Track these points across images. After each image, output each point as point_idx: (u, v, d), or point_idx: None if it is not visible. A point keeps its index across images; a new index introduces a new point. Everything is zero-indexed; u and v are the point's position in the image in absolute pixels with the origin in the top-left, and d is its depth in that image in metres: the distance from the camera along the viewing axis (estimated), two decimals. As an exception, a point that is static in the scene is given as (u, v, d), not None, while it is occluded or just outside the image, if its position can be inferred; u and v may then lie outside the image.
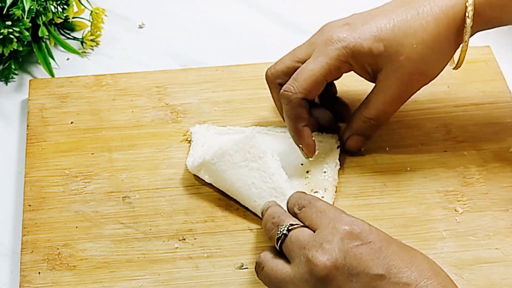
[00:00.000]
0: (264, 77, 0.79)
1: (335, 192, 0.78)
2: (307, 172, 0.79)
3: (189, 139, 0.83)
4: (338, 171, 0.80)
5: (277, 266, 0.66)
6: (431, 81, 0.78)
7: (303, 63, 0.76)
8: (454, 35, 0.75)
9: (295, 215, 0.69)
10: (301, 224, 0.67)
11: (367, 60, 0.75)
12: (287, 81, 0.77)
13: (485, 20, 0.75)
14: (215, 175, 0.78)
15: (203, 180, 0.80)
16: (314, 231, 0.65)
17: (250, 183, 0.76)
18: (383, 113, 0.78)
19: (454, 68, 0.79)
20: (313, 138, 0.78)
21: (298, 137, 0.78)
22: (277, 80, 0.78)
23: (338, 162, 0.80)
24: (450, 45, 0.75)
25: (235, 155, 0.77)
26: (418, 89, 0.78)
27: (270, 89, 0.80)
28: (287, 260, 0.66)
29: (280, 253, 0.67)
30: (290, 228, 0.66)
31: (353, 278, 0.61)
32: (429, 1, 0.75)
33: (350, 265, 0.62)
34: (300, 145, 0.78)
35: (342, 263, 0.62)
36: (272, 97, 0.80)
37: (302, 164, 0.79)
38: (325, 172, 0.79)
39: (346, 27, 0.76)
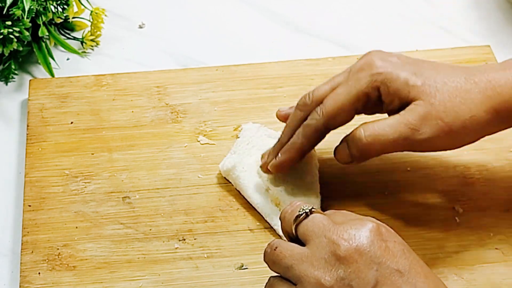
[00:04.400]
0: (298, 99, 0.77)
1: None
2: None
3: (238, 134, 0.83)
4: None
5: (293, 246, 0.63)
6: (441, 149, 0.73)
7: None
8: (496, 115, 0.71)
9: None
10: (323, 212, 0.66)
11: (399, 88, 0.71)
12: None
13: None
14: (240, 182, 0.78)
15: (203, 180, 0.80)
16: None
17: (270, 198, 0.78)
18: (379, 136, 0.71)
19: None
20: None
21: (286, 151, 0.75)
22: (307, 107, 0.75)
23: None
24: (489, 123, 0.71)
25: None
26: (428, 146, 0.72)
27: (296, 109, 0.76)
28: (302, 245, 0.64)
29: (293, 241, 0.65)
30: (313, 210, 0.64)
31: (374, 266, 0.60)
32: (481, 74, 0.72)
33: (374, 254, 0.61)
34: (272, 156, 0.76)
35: (366, 249, 0.61)
36: (293, 116, 0.76)
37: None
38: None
39: (389, 59, 0.73)
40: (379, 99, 0.72)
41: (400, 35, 0.98)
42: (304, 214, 0.64)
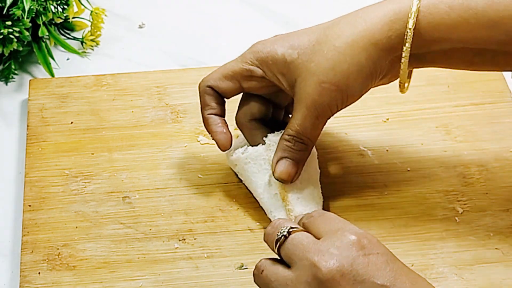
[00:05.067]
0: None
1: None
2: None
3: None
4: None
5: (278, 269, 0.64)
6: (353, 100, 0.73)
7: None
8: (378, 50, 0.70)
9: (302, 225, 0.67)
10: (302, 228, 0.65)
11: (280, 68, 0.73)
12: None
13: (424, 42, 0.70)
14: (244, 175, 0.78)
15: (203, 180, 0.80)
16: (318, 239, 0.63)
17: (273, 193, 0.76)
18: (303, 128, 0.73)
19: (400, 91, 0.74)
20: (225, 130, 0.77)
21: (205, 126, 0.77)
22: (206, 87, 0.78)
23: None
24: (369, 59, 0.70)
25: (268, 162, 0.76)
26: (337, 106, 0.72)
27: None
28: (287, 266, 0.64)
29: (279, 260, 0.65)
30: (290, 230, 0.64)
31: (358, 285, 0.60)
32: (356, 16, 0.71)
33: (357, 272, 0.60)
34: (212, 138, 0.77)
35: (348, 269, 0.60)
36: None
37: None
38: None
39: (273, 39, 0.75)
40: (264, 76, 0.74)
41: (400, 35, 0.98)
42: (283, 237, 0.64)
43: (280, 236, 0.64)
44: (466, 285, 0.73)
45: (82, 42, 0.95)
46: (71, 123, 0.85)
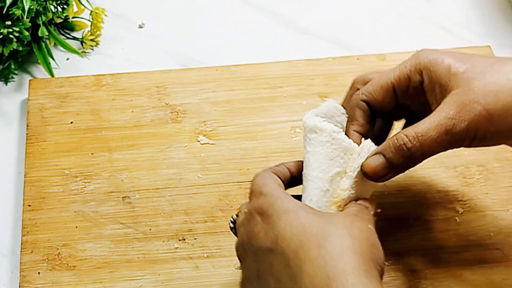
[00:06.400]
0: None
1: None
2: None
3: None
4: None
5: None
6: (488, 142, 0.66)
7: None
8: None
9: None
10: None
11: (441, 76, 0.67)
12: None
13: None
14: (311, 148, 0.68)
15: (203, 180, 0.80)
16: None
17: (325, 188, 0.67)
18: (423, 136, 0.65)
19: None
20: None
21: None
22: (357, 85, 0.72)
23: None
24: None
25: (349, 161, 0.68)
26: (471, 137, 0.66)
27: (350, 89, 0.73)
28: None
29: None
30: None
31: (255, 257, 0.63)
32: None
33: (252, 245, 0.63)
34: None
35: (247, 244, 0.64)
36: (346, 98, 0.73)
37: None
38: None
39: (442, 50, 0.70)
40: (421, 85, 0.69)
41: (400, 35, 0.98)
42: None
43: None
44: (466, 285, 0.73)
45: (82, 42, 0.95)
46: (71, 123, 0.85)
